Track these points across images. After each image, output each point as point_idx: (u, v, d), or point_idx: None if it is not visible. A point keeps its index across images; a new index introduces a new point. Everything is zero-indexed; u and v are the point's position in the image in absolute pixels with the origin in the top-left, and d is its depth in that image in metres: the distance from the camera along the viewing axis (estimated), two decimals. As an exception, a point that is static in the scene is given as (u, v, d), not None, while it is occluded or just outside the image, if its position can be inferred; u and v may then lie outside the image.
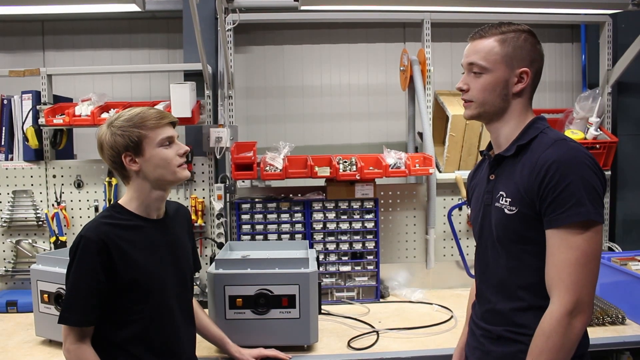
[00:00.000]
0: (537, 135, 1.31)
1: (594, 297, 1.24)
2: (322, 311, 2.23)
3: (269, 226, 2.56)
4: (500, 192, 1.33)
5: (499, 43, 1.32)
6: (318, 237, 2.57)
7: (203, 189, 2.72)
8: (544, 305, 1.24)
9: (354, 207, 2.58)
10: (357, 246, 2.58)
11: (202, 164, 2.72)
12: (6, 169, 2.67)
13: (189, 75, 2.75)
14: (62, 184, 2.68)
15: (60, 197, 2.67)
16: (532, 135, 1.32)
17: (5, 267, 2.66)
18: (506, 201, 1.31)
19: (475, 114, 1.37)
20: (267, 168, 2.49)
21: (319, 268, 2.05)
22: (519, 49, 1.32)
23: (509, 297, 1.33)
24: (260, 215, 2.56)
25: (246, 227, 2.56)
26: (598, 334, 2.04)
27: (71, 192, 2.69)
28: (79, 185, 2.69)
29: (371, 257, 2.59)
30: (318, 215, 2.57)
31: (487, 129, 1.41)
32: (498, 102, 1.34)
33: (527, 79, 1.33)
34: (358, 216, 2.58)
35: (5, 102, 2.67)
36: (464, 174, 2.71)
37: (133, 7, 2.40)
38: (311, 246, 2.47)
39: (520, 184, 1.28)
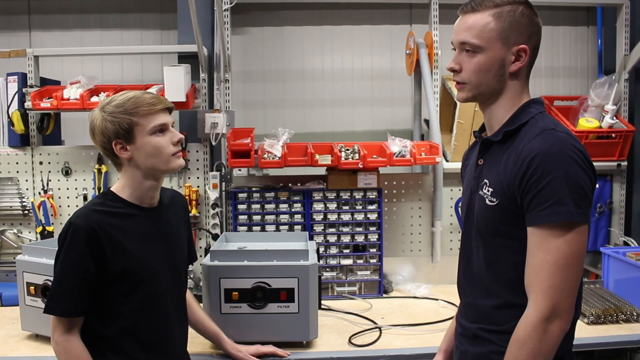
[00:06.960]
0: (528, 121, 1.25)
1: (574, 302, 1.20)
2: (323, 306, 2.21)
3: (267, 217, 2.54)
4: (485, 180, 1.29)
5: (494, 18, 1.23)
6: (318, 228, 2.55)
7: (198, 178, 2.70)
8: (520, 303, 1.20)
9: (357, 197, 2.56)
10: (360, 238, 2.56)
11: (197, 151, 2.70)
12: (-10, 154, 2.67)
13: (183, 58, 2.73)
14: (49, 171, 2.67)
15: (47, 184, 2.65)
16: (523, 121, 1.25)
17: (-11, 258, 2.66)
18: (488, 191, 1.26)
19: (470, 96, 1.30)
20: (265, 156, 2.47)
21: (319, 261, 2.04)
22: (516, 24, 1.23)
23: (486, 293, 1.30)
24: (258, 205, 2.55)
25: (243, 218, 2.54)
26: (612, 332, 2.02)
27: (59, 180, 2.68)
28: (67, 172, 2.67)
29: (374, 250, 2.57)
30: (318, 206, 2.55)
31: (480, 108, 1.34)
32: (494, 83, 1.26)
33: (525, 57, 1.25)
34: (360, 207, 2.56)
35: (-11, 84, 2.67)
36: (472, 164, 2.68)
37: (124, -16, 2.34)
38: (311, 238, 2.45)
39: (503, 175, 1.23)
